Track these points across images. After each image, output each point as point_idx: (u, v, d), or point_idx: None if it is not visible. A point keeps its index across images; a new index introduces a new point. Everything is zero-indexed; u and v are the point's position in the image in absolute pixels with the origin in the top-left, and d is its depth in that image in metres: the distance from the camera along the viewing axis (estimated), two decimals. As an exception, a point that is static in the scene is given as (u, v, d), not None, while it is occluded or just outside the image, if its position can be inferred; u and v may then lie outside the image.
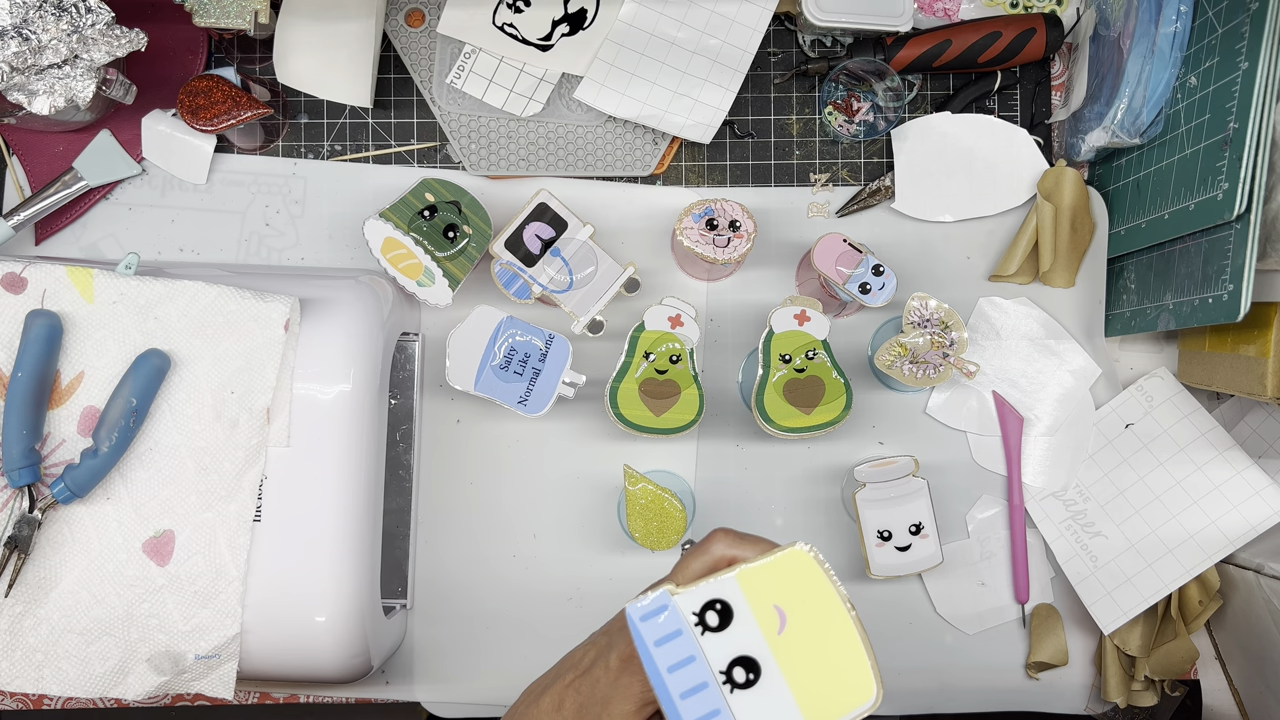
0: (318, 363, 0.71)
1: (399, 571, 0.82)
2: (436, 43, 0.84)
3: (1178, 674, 0.83)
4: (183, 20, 0.79)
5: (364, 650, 0.73)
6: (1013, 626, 0.86)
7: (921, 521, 0.79)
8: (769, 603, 0.47)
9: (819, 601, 0.47)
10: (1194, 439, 0.84)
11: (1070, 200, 0.84)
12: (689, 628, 0.47)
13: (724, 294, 0.87)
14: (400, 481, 0.83)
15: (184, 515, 0.70)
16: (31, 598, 0.69)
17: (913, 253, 0.87)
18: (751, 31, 0.83)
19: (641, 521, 0.78)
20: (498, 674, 0.85)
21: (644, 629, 0.47)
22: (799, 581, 0.47)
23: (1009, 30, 0.83)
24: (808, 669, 0.47)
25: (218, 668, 0.70)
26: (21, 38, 0.70)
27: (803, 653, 0.47)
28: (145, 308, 0.70)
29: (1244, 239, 0.68)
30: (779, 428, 0.78)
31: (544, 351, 0.77)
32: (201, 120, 0.78)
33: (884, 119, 0.86)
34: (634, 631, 0.47)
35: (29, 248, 0.84)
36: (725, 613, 0.47)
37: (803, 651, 0.47)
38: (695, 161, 0.87)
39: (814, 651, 0.47)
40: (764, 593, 0.47)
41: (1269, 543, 0.81)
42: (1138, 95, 0.78)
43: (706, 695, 0.46)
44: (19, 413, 0.67)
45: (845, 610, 0.47)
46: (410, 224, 0.78)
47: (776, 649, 0.47)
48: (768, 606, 0.47)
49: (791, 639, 0.47)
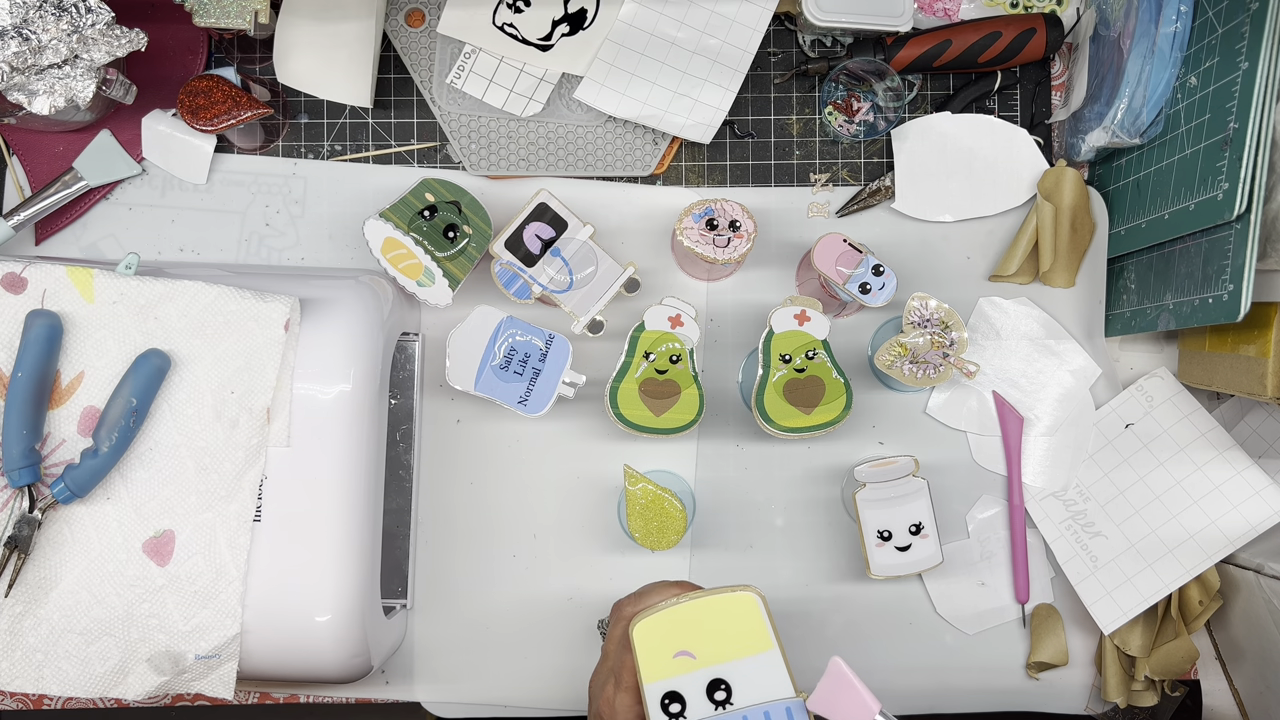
0: (318, 363, 0.71)
1: (399, 571, 0.82)
2: (436, 43, 0.84)
3: (1178, 674, 0.83)
4: (183, 20, 0.79)
5: (364, 650, 0.73)
6: (1013, 626, 0.86)
7: (921, 521, 0.79)
8: (669, 660, 0.60)
9: (676, 622, 0.61)
10: (1194, 439, 0.84)
11: (1070, 200, 0.84)
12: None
13: (724, 294, 0.87)
14: (400, 481, 0.83)
15: (184, 515, 0.70)
16: (31, 598, 0.69)
17: (913, 253, 0.87)
18: (751, 31, 0.83)
19: (641, 521, 0.78)
20: (498, 674, 0.85)
21: None
22: (656, 632, 0.61)
23: (1009, 30, 0.83)
24: (728, 642, 0.61)
25: (218, 668, 0.70)
26: (21, 38, 0.70)
27: (716, 643, 0.61)
28: (145, 308, 0.70)
29: (1244, 239, 0.68)
30: (779, 428, 0.78)
31: (544, 351, 0.77)
32: (201, 120, 0.78)
33: (884, 119, 0.86)
34: None
35: (29, 248, 0.84)
36: (672, 697, 0.60)
37: (716, 643, 0.61)
38: (695, 161, 0.87)
39: (716, 634, 0.61)
40: (660, 663, 0.60)
41: (1269, 543, 0.82)
42: (1138, 95, 0.78)
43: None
44: (19, 413, 0.67)
45: (687, 603, 0.61)
46: (410, 224, 0.78)
47: (707, 663, 0.61)
48: (671, 663, 0.60)
49: (705, 650, 0.61)
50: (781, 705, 0.63)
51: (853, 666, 0.61)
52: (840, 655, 0.59)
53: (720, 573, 0.85)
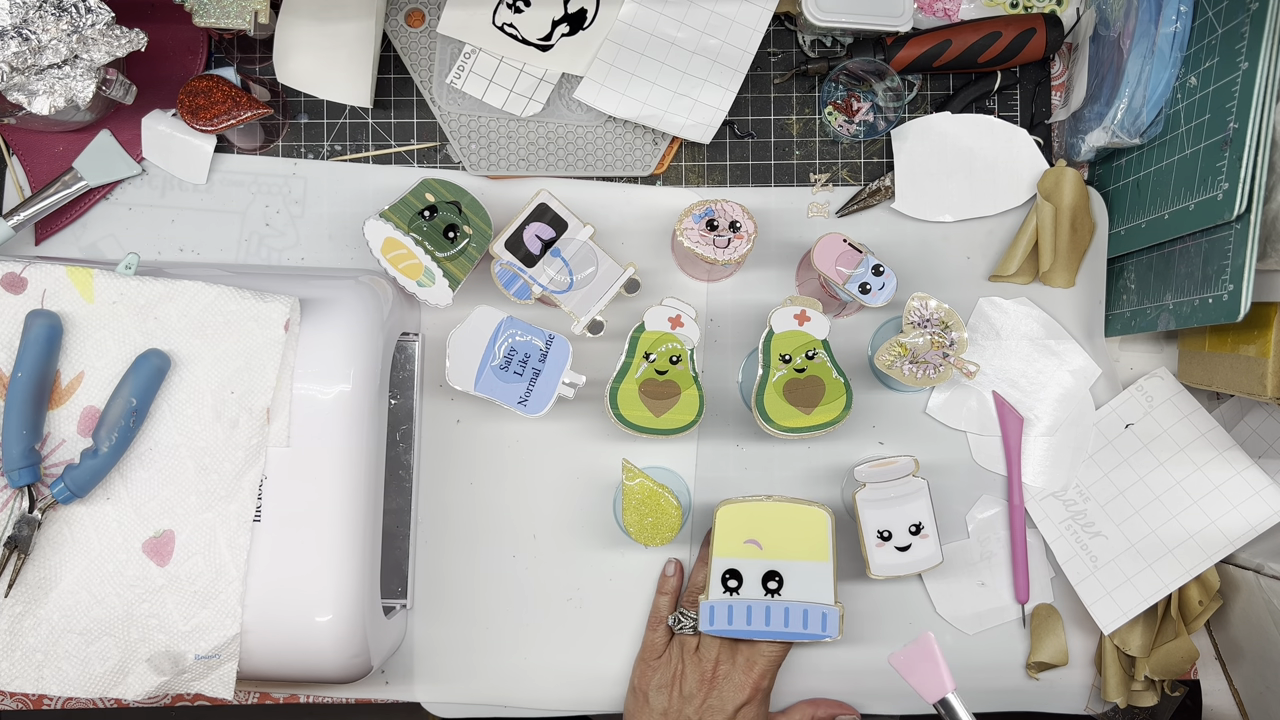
0: (318, 363, 0.71)
1: (399, 571, 0.82)
2: (436, 43, 0.84)
3: (1178, 674, 0.83)
4: (183, 20, 0.79)
5: (364, 650, 0.73)
6: (1013, 626, 0.86)
7: (921, 521, 0.79)
8: (740, 544, 0.74)
9: (756, 514, 0.75)
10: (1194, 439, 0.84)
11: (1070, 200, 0.84)
12: (729, 599, 0.75)
13: (724, 294, 0.87)
14: (400, 481, 0.83)
15: (184, 515, 0.70)
16: (31, 598, 0.69)
17: (913, 253, 0.87)
18: (751, 31, 0.83)
19: (636, 516, 0.78)
20: (498, 674, 0.85)
21: (714, 627, 0.75)
22: (738, 519, 0.75)
23: (1009, 30, 0.83)
24: (791, 543, 0.75)
25: (218, 668, 0.70)
26: (21, 38, 0.70)
27: (782, 541, 0.75)
28: (145, 308, 0.70)
29: (1244, 239, 0.68)
30: (779, 428, 0.78)
31: (544, 352, 0.77)
32: (201, 120, 0.78)
33: (884, 119, 0.86)
34: (716, 633, 0.76)
35: (29, 248, 0.84)
36: (733, 574, 0.75)
37: (781, 541, 0.75)
38: (695, 162, 0.87)
39: (784, 534, 0.75)
40: (732, 544, 0.75)
41: (1269, 543, 0.82)
42: (1138, 95, 0.78)
43: (774, 608, 0.75)
44: (19, 413, 0.67)
45: (770, 502, 0.76)
46: (410, 224, 0.78)
47: (770, 555, 0.75)
48: (742, 547, 0.74)
49: (770, 545, 0.75)
50: (820, 609, 0.74)
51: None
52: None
53: (720, 573, 0.85)
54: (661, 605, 0.83)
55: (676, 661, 0.79)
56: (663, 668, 0.80)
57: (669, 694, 0.78)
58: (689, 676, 0.78)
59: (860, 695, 0.85)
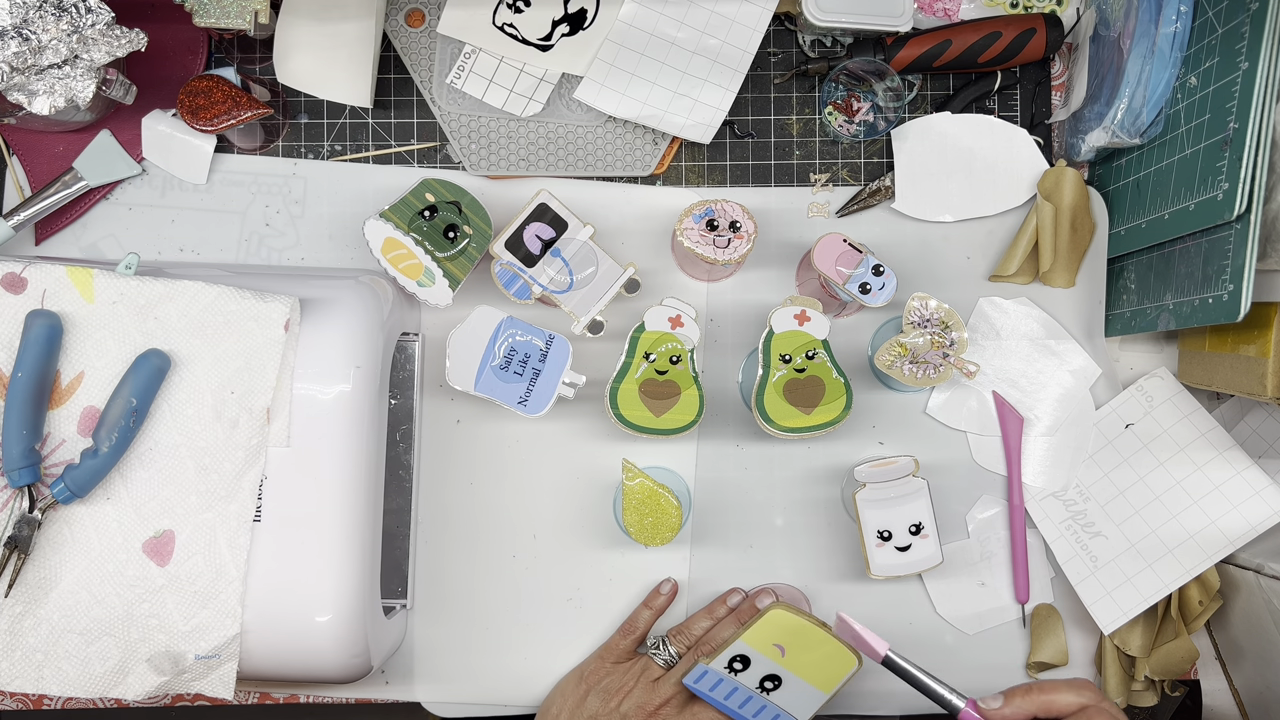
0: (318, 363, 0.71)
1: (399, 571, 0.82)
2: (436, 43, 0.84)
3: (1178, 674, 0.83)
4: (183, 20, 0.79)
5: (364, 650, 0.73)
6: (1013, 626, 0.86)
7: (921, 521, 0.79)
8: (769, 644, 0.74)
9: (801, 631, 0.74)
10: (1194, 439, 0.84)
11: (1070, 200, 0.84)
12: (726, 675, 0.74)
13: (724, 294, 0.87)
14: (400, 481, 0.83)
15: (184, 515, 0.70)
16: (31, 598, 0.69)
17: (913, 253, 0.87)
18: (751, 31, 0.83)
19: (636, 516, 0.78)
20: (498, 674, 0.85)
21: (699, 685, 0.75)
22: (784, 625, 0.74)
23: (1009, 30, 0.83)
24: (810, 665, 0.75)
25: (218, 668, 0.70)
26: (21, 38, 0.70)
27: (804, 660, 0.75)
28: (145, 308, 0.70)
29: (1244, 239, 0.68)
30: (779, 428, 0.78)
31: (544, 352, 0.77)
32: (201, 120, 0.78)
33: (884, 119, 0.86)
34: (695, 690, 0.75)
35: (29, 248, 0.84)
36: (744, 660, 0.74)
37: (803, 659, 0.75)
38: (695, 161, 0.87)
39: (810, 656, 0.75)
40: (764, 640, 0.74)
41: (1269, 543, 0.82)
42: (1138, 95, 0.78)
43: (754, 701, 0.75)
44: (19, 413, 0.67)
45: (820, 629, 0.74)
46: (410, 224, 0.78)
47: (786, 664, 0.74)
48: (769, 646, 0.74)
49: (793, 656, 0.74)
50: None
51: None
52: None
53: (720, 572, 0.85)
54: (640, 617, 0.82)
55: (631, 679, 0.79)
56: (617, 675, 0.80)
57: (607, 702, 0.78)
58: (634, 698, 0.77)
59: (859, 695, 0.85)
